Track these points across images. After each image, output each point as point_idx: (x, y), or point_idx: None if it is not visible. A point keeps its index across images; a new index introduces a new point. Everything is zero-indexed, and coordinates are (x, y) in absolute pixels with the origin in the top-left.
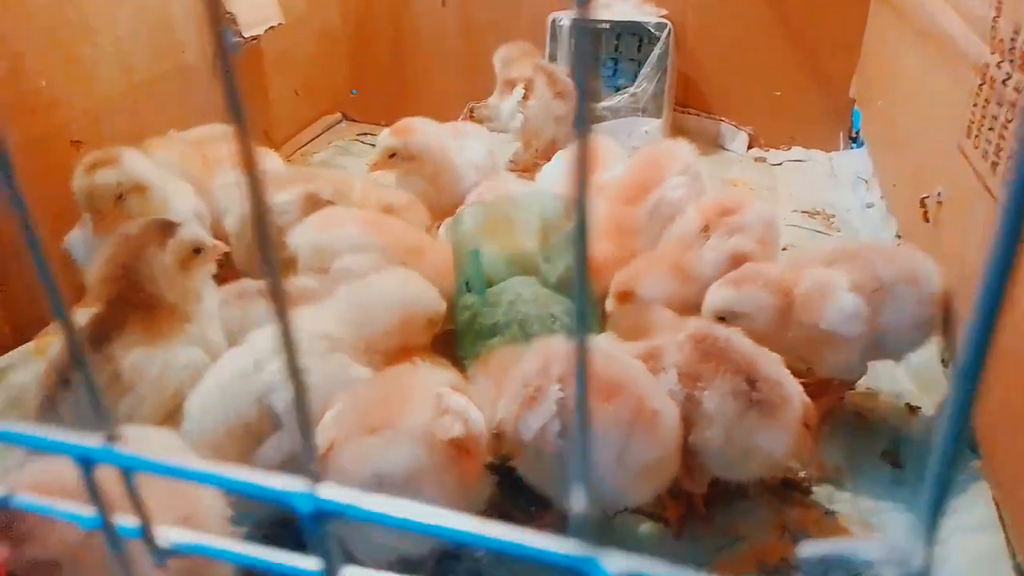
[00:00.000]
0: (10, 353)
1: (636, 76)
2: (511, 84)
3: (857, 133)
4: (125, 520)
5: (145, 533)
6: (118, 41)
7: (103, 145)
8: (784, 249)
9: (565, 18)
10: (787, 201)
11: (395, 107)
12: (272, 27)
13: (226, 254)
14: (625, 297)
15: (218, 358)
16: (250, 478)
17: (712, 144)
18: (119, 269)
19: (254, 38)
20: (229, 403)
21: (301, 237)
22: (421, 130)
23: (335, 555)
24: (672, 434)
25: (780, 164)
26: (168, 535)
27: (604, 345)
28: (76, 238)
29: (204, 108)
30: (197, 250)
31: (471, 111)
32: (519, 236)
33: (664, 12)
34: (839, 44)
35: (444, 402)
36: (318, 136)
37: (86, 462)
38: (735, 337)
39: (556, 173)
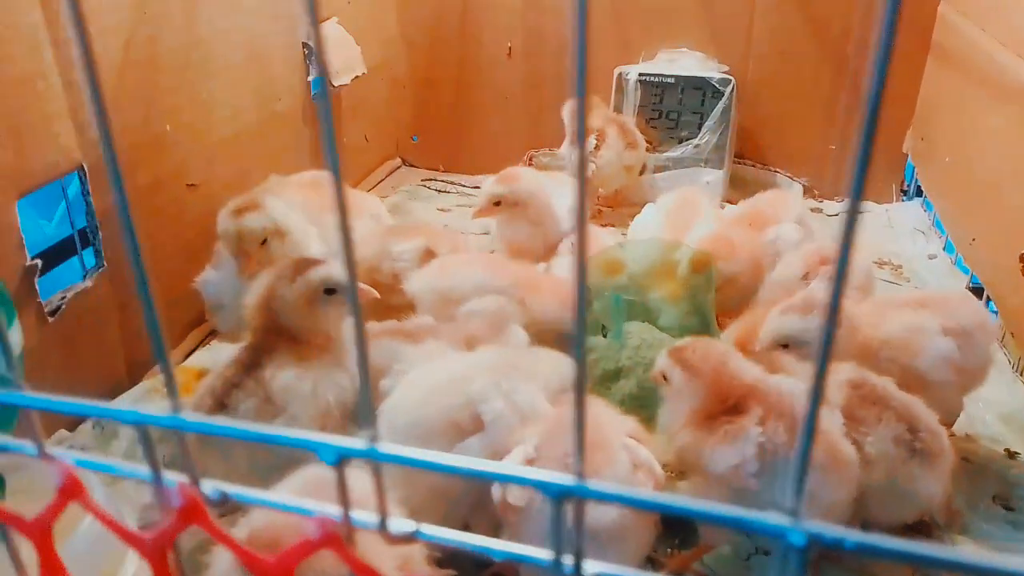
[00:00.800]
0: (130, 391)
1: (698, 127)
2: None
3: (908, 186)
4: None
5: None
6: (231, 85)
7: (214, 188)
8: None
9: (631, 71)
10: None
11: (454, 154)
12: (357, 76)
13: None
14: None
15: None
16: (731, 512)
17: None
18: (262, 301)
19: (343, 87)
20: (443, 402)
21: (422, 283)
22: (526, 178)
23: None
24: (855, 477)
25: (837, 215)
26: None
27: (794, 384)
28: (210, 278)
29: (296, 154)
30: (330, 290)
31: (531, 159)
32: (635, 280)
33: (726, 68)
34: (894, 98)
35: (635, 455)
36: (382, 181)
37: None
38: (890, 384)
39: (651, 222)
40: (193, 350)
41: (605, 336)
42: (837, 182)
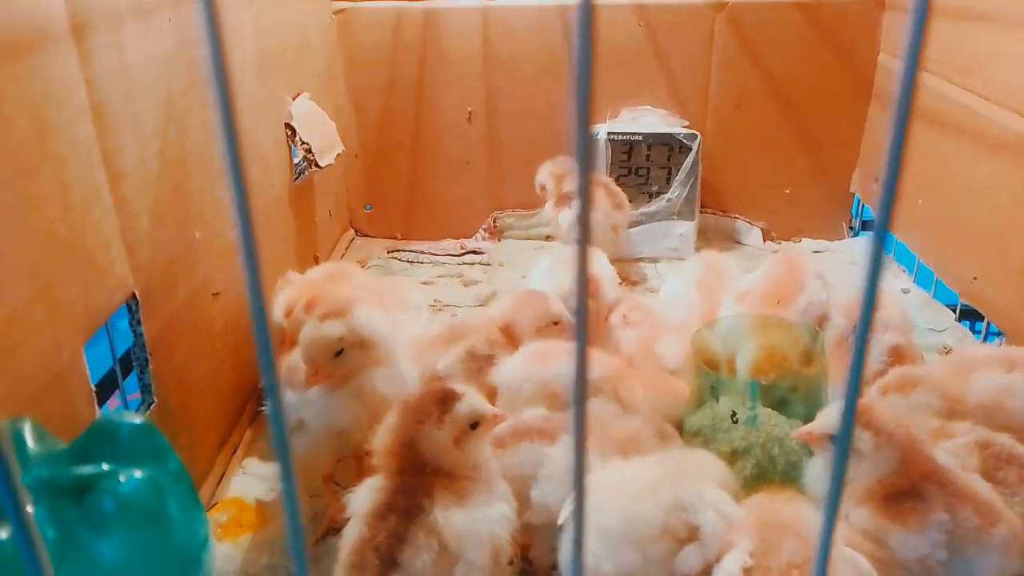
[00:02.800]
0: None
1: (667, 182)
2: (567, 197)
3: (855, 223)
4: None
5: None
6: None
7: (233, 293)
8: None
9: (600, 131)
10: None
11: (411, 221)
12: (339, 154)
13: None
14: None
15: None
16: None
17: (730, 240)
18: (405, 441)
19: (328, 167)
20: (655, 507)
21: (514, 373)
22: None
23: None
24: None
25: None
26: None
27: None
28: (288, 397)
29: (283, 243)
30: (475, 424)
31: (495, 221)
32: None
33: (686, 122)
34: (841, 142)
35: (858, 569)
36: (343, 255)
37: None
38: (1012, 440)
39: (682, 295)
40: (222, 476)
41: (735, 422)
42: (793, 223)
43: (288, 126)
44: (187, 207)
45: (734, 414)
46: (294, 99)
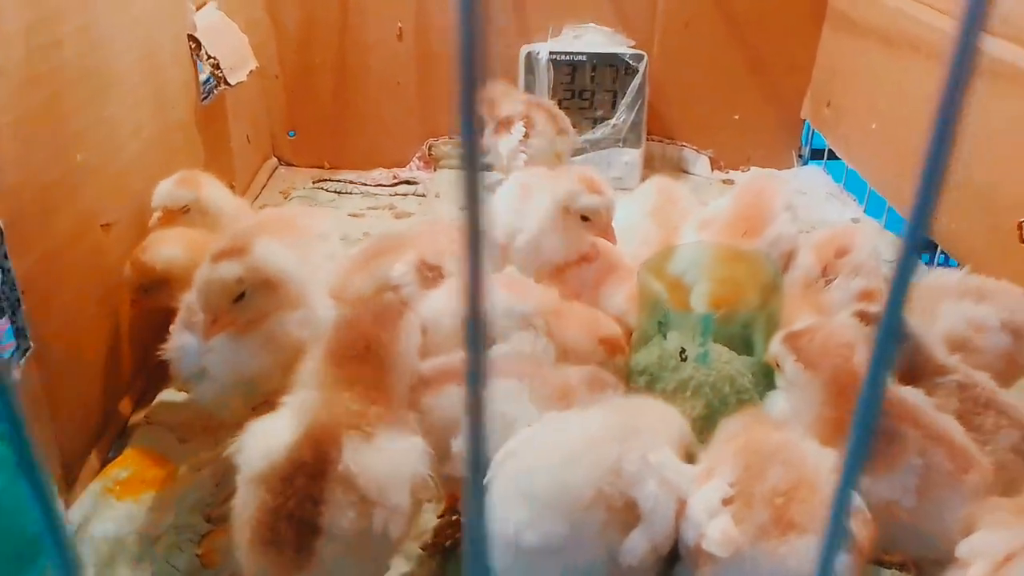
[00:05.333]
0: (81, 499)
1: (612, 106)
2: (507, 123)
3: (804, 151)
4: None
5: None
6: (130, 94)
7: (127, 225)
8: None
9: (541, 50)
10: None
11: (339, 148)
12: (251, 71)
13: None
14: None
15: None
16: None
17: (677, 169)
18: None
19: (239, 84)
20: (587, 471)
21: (438, 308)
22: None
23: None
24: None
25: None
26: None
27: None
28: (186, 343)
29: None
30: None
31: (430, 149)
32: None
33: (633, 42)
34: (792, 66)
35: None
36: (265, 185)
37: None
38: (993, 384)
39: (637, 226)
40: (124, 424)
41: (684, 359)
42: (742, 151)
43: (192, 38)
44: (64, 126)
45: (683, 351)
46: (199, 9)
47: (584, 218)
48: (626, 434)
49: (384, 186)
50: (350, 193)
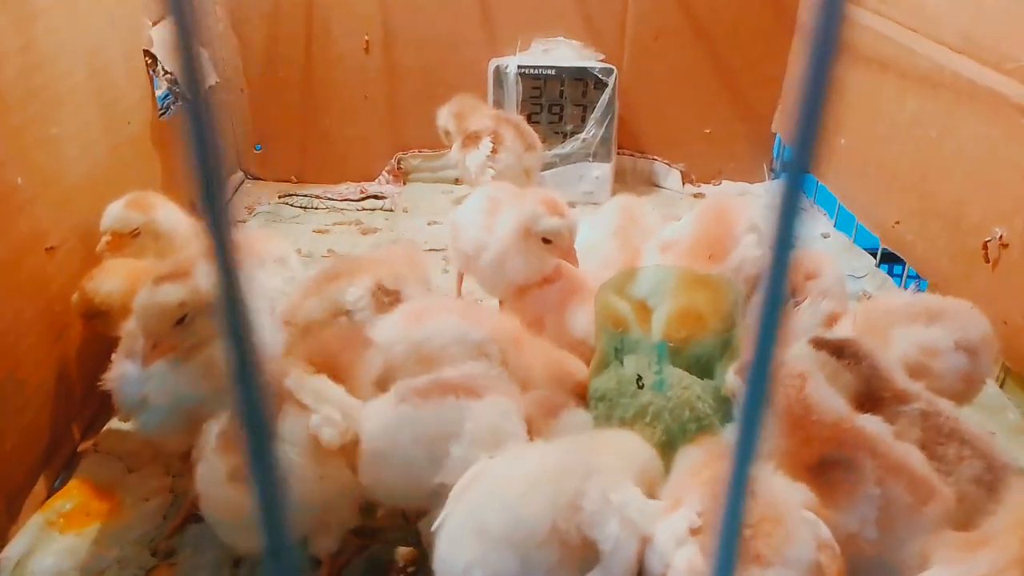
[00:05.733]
0: (22, 533)
1: (582, 120)
2: (474, 137)
3: (776, 164)
4: None
5: None
6: (78, 112)
7: (73, 247)
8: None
9: (510, 64)
10: None
11: (306, 162)
12: (211, 86)
13: None
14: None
15: None
16: None
17: (648, 183)
18: None
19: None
20: (543, 504)
21: (392, 333)
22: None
23: None
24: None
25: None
26: None
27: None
28: (127, 372)
29: (147, 188)
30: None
31: (399, 162)
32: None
33: (602, 56)
34: (763, 79)
35: (817, 533)
36: (229, 200)
37: None
38: (956, 412)
39: (600, 246)
40: (72, 453)
41: (640, 387)
42: (713, 165)
43: (148, 53)
44: (2, 148)
45: (639, 378)
46: (155, 24)
47: (546, 240)
48: (587, 469)
49: (352, 200)
50: (316, 208)
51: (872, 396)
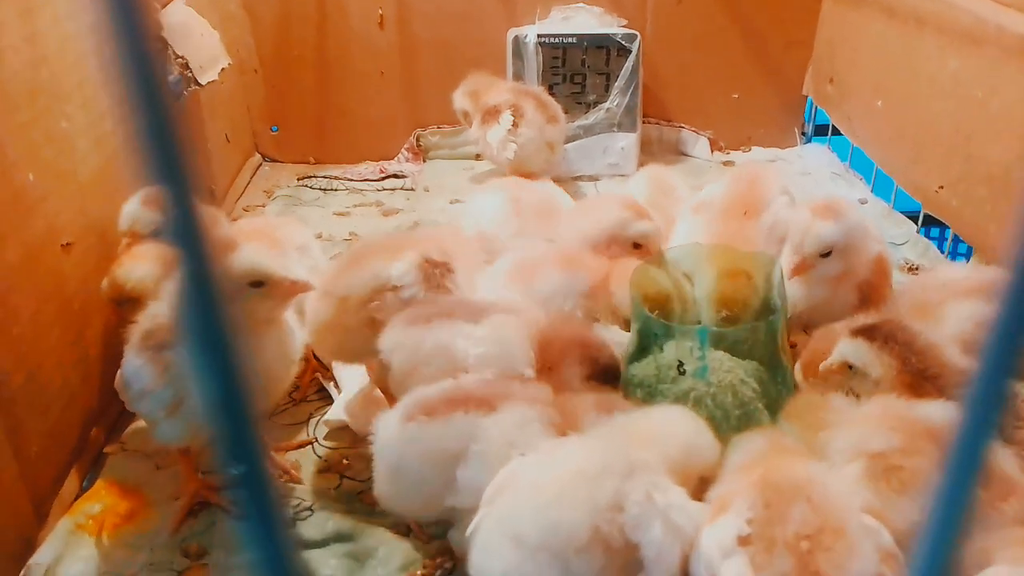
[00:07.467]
0: (52, 538)
1: (605, 90)
2: (494, 112)
3: (807, 128)
4: None
5: None
6: (88, 105)
7: (91, 243)
8: None
9: (529, 33)
10: None
11: (324, 142)
12: (223, 69)
13: None
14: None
15: None
16: None
17: (675, 152)
18: None
19: (211, 83)
20: (583, 507)
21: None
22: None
23: None
24: None
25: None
26: None
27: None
28: (138, 368)
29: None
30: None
31: (418, 140)
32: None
33: (624, 22)
34: (792, 41)
35: (880, 541)
36: (248, 185)
37: None
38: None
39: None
40: (98, 453)
41: (682, 373)
42: (742, 131)
43: (157, 38)
44: (10, 145)
45: (680, 364)
46: (164, 6)
47: (636, 245)
48: (628, 466)
49: (371, 180)
50: (335, 190)
51: (924, 374)
